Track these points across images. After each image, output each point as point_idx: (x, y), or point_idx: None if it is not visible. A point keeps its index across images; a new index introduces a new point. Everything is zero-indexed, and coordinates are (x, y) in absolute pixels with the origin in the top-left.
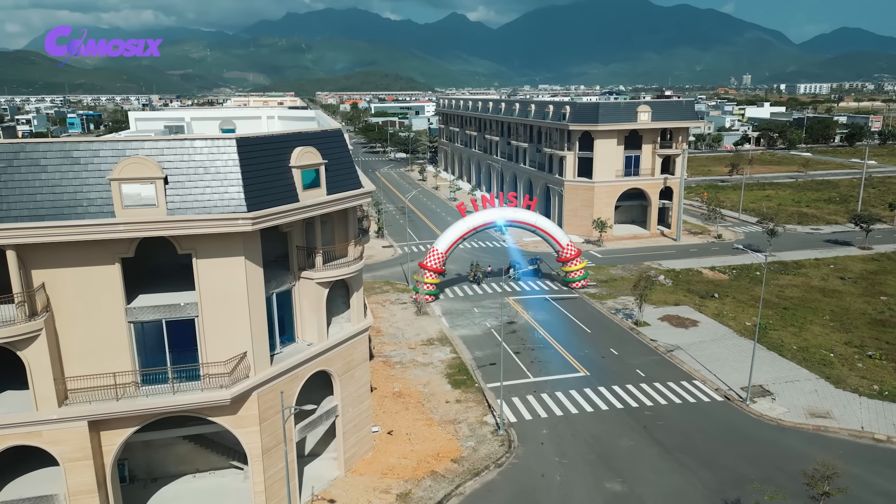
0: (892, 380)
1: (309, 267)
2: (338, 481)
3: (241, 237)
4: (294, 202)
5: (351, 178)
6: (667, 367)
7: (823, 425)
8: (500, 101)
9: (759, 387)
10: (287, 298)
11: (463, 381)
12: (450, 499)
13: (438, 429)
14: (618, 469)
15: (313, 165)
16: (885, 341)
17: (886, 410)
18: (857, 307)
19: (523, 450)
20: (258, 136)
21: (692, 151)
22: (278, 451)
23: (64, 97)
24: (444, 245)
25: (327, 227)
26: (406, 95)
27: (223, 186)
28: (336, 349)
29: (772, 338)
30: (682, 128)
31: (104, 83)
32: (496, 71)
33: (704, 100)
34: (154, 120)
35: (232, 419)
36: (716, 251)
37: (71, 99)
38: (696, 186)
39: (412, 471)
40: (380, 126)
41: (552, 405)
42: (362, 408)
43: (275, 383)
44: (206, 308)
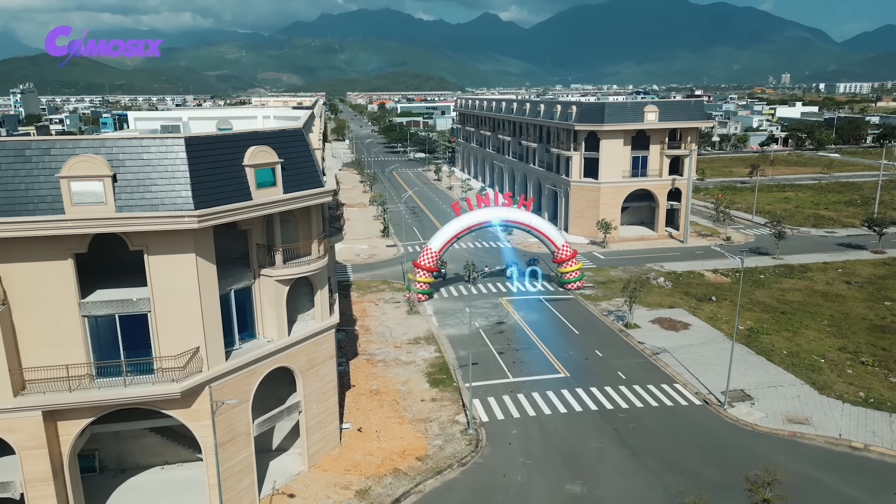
0: (880, 387)
1: (269, 265)
2: (300, 476)
3: (191, 234)
4: (246, 200)
5: (311, 177)
6: (650, 369)
7: (800, 431)
8: (513, 101)
9: (741, 391)
10: (247, 295)
11: (442, 381)
12: (408, 496)
13: (409, 427)
14: (581, 471)
15: (268, 164)
16: (882, 347)
17: (868, 418)
18: (858, 312)
19: (490, 449)
20: (208, 136)
21: (716, 152)
22: (234, 445)
23: (103, 97)
24: (437, 244)
25: (290, 225)
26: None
27: (171, 184)
28: (298, 346)
29: (763, 342)
30: (692, 128)
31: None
32: (528, 71)
33: (735, 99)
34: (152, 120)
35: (186, 412)
36: (722, 254)
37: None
38: (712, 188)
39: (375, 468)
40: (401, 126)
41: (527, 406)
42: (328, 405)
43: (230, 378)
44: (159, 304)
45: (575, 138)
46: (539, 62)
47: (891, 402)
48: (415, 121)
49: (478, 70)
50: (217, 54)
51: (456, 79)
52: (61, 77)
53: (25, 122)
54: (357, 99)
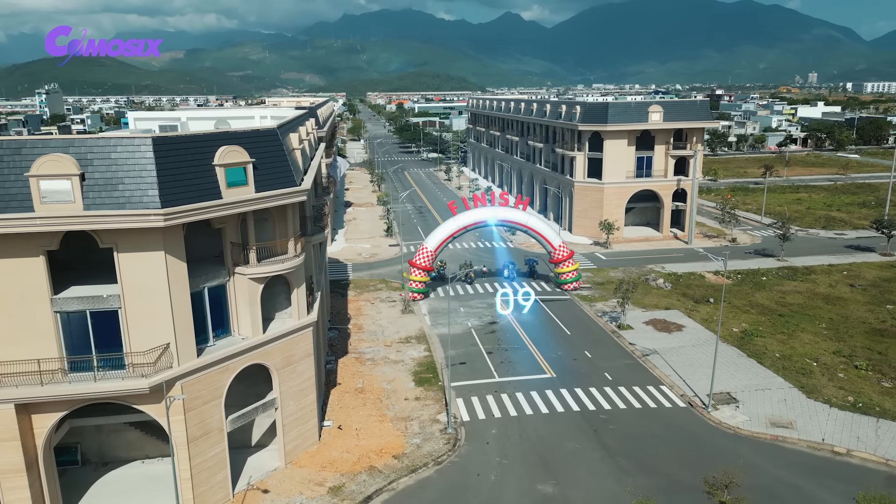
0: (871, 391)
1: (243, 263)
2: (277, 472)
3: (160, 232)
4: (216, 199)
5: (284, 176)
6: (637, 371)
7: (782, 435)
8: (521, 101)
9: (727, 394)
10: (221, 293)
11: (427, 380)
12: (380, 494)
13: (389, 425)
14: (555, 471)
15: (239, 164)
16: (878, 351)
17: (854, 423)
18: (858, 315)
19: (468, 448)
20: (176, 136)
21: (732, 153)
22: (207, 441)
23: (128, 98)
24: (433, 243)
25: (268, 223)
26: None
27: (138, 183)
28: (273, 344)
29: (756, 345)
30: (698, 128)
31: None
32: (549, 70)
33: (756, 99)
34: (151, 120)
35: (157, 408)
36: (726, 255)
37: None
38: (724, 189)
39: (351, 465)
40: (415, 126)
41: (509, 406)
42: (305, 402)
43: (202, 374)
44: (129, 300)
45: (579, 138)
46: (561, 62)
47: (880, 406)
48: (430, 121)
49: (499, 70)
50: (241, 55)
51: (477, 79)
52: (89, 78)
53: (49, 121)
54: (377, 99)
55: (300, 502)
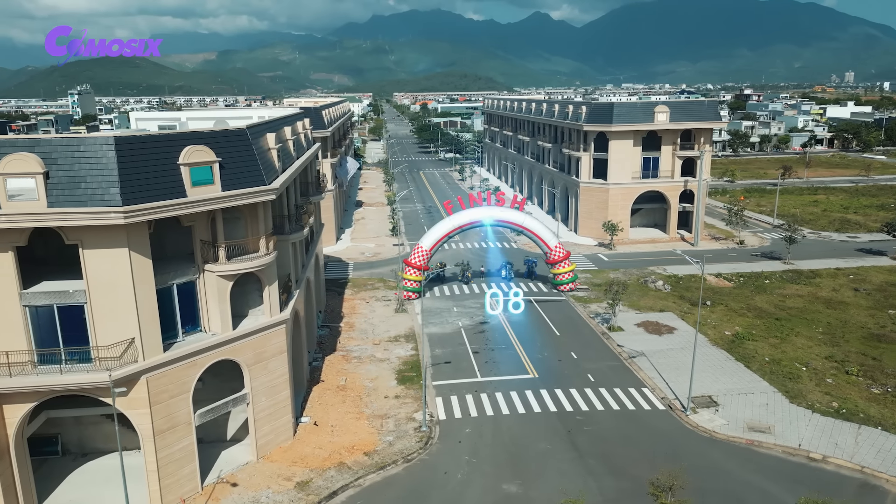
0: (857, 397)
1: (212, 260)
2: (248, 466)
3: (124, 229)
4: (181, 198)
5: (253, 175)
6: (621, 373)
7: (758, 440)
8: (531, 101)
9: (708, 397)
10: (191, 289)
11: (410, 378)
12: (346, 490)
13: (365, 423)
14: (522, 471)
15: (204, 163)
16: (872, 357)
17: (835, 429)
18: (858, 320)
19: (439, 447)
20: (139, 136)
21: (755, 153)
22: (174, 434)
23: (160, 98)
24: (428, 243)
25: (240, 222)
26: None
27: (100, 182)
28: (243, 340)
29: (747, 348)
30: (706, 129)
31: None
32: (578, 70)
33: (786, 99)
34: (152, 120)
35: (123, 401)
36: (732, 257)
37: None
38: (739, 190)
39: (322, 461)
40: (433, 126)
41: (487, 405)
42: (279, 398)
43: (168, 369)
44: (94, 296)
45: (584, 139)
46: (590, 61)
47: (864, 413)
48: (452, 121)
49: (527, 70)
50: (271, 56)
51: (505, 79)
52: (124, 79)
53: (81, 121)
54: (402, 99)
55: (266, 496)
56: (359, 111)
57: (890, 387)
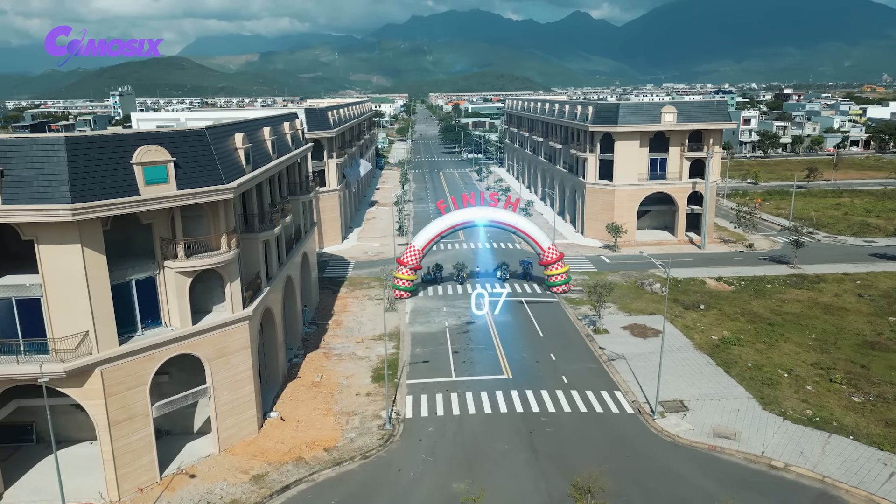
0: (835, 405)
1: (172, 257)
2: (209, 459)
3: (76, 226)
4: (134, 196)
5: (211, 175)
6: (597, 375)
7: (721, 446)
8: (546, 102)
9: (679, 402)
10: (151, 285)
11: (385, 377)
12: (299, 484)
13: (331, 419)
14: (475, 471)
15: (158, 163)
16: (861, 364)
17: (803, 437)
18: (855, 327)
19: (399, 445)
20: (92, 136)
21: (786, 155)
22: (131, 425)
23: (201, 99)
24: (421, 242)
25: (202, 220)
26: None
27: (51, 180)
28: (204, 335)
29: (730, 353)
30: (715, 129)
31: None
32: (618, 69)
33: (827, 98)
34: (152, 120)
35: (79, 391)
36: (738, 261)
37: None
38: (756, 192)
39: (281, 455)
40: (458, 127)
41: (455, 404)
42: (242, 392)
43: (124, 362)
44: (49, 289)
45: (591, 140)
46: (630, 60)
47: (838, 422)
48: (480, 121)
49: (566, 69)
50: (312, 57)
51: (543, 79)
52: (170, 80)
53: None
54: (436, 100)
55: (221, 488)
56: (391, 112)
57: (872, 395)
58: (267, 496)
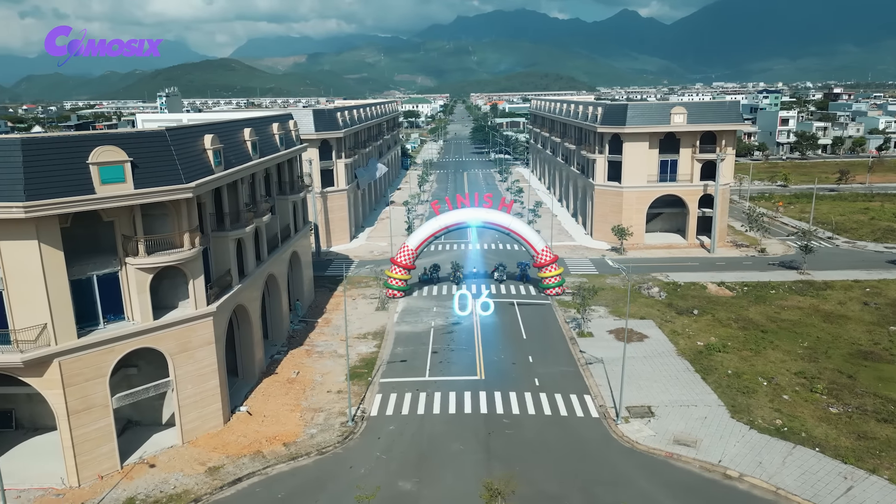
0: (808, 416)
1: (133, 254)
2: (172, 450)
3: (33, 223)
4: (89, 195)
5: (171, 175)
6: (571, 379)
7: (678, 453)
8: (564, 102)
9: (647, 408)
10: (113, 280)
11: (360, 375)
12: (251, 477)
13: (297, 415)
14: (425, 470)
15: (115, 163)
16: (848, 375)
17: (766, 447)
18: (852, 336)
19: (357, 442)
20: (48, 137)
21: (825, 156)
22: (90, 414)
23: (248, 100)
24: (414, 242)
25: (167, 218)
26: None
27: (6, 179)
28: (166, 330)
29: (713, 360)
30: (728, 131)
31: (290, 87)
32: (666, 68)
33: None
34: (157, 121)
35: (39, 381)
36: (746, 266)
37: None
38: (788, 195)
39: (240, 448)
40: (488, 127)
41: (422, 404)
42: (207, 387)
43: (83, 354)
44: (9, 283)
45: (600, 141)
46: (679, 59)
47: (807, 433)
48: (514, 121)
49: (612, 68)
50: (358, 58)
51: (588, 78)
52: (221, 81)
53: None
54: (477, 100)
55: (176, 478)
56: (427, 112)
57: (852, 407)
58: (217, 488)
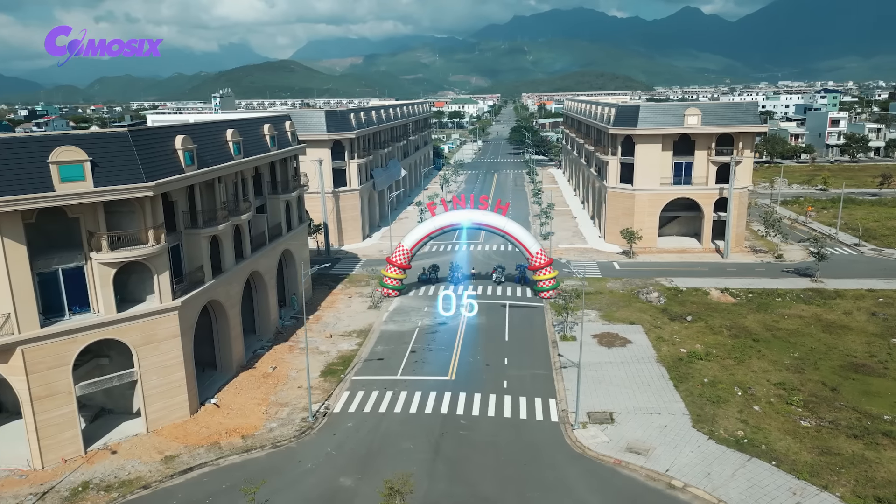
0: (774, 428)
1: (97, 249)
2: (136, 438)
3: None
4: (49, 192)
5: (132, 174)
6: (541, 382)
7: (627, 461)
8: (589, 103)
9: (608, 414)
10: (79, 274)
11: (334, 372)
12: (203, 467)
13: (263, 409)
14: (370, 467)
15: (74, 162)
16: (831, 388)
17: (720, 458)
18: (849, 347)
19: (313, 437)
20: (10, 137)
21: (876, 159)
22: (53, 401)
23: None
24: (409, 242)
25: (134, 215)
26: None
27: None
28: (129, 323)
29: (691, 368)
30: (746, 133)
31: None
32: (729, 67)
33: None
34: (165, 122)
35: (5, 367)
36: (758, 272)
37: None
38: (822, 200)
39: (200, 439)
40: (524, 128)
41: (385, 402)
42: (172, 378)
43: (46, 343)
44: None
45: (612, 142)
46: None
47: (767, 445)
48: (556, 122)
49: (672, 67)
50: (413, 59)
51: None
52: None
53: None
54: (527, 100)
55: (132, 465)
56: (473, 112)
57: (826, 421)
58: (168, 476)
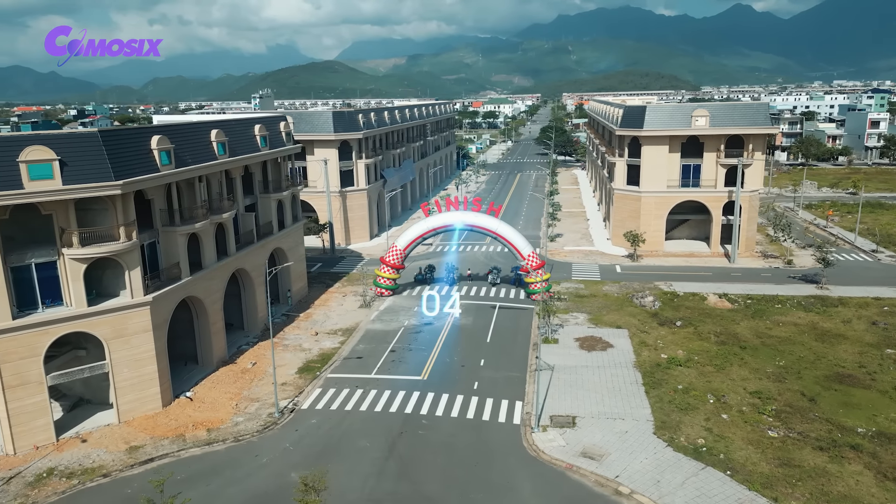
0: (739, 438)
1: (68, 245)
2: (106, 428)
3: None
4: (18, 189)
5: (101, 173)
6: (512, 385)
7: (580, 466)
8: (608, 103)
9: (571, 418)
10: (52, 269)
11: (311, 369)
12: (164, 458)
13: (233, 403)
14: (322, 463)
15: (43, 161)
16: (810, 398)
17: (673, 466)
18: (839, 357)
19: (276, 433)
20: None
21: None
22: (25, 390)
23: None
24: (403, 243)
25: (108, 212)
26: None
27: None
28: (100, 316)
29: (669, 374)
30: (756, 135)
31: (389, 88)
32: (781, 65)
33: None
34: (168, 121)
35: None
36: (764, 278)
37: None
38: (849, 204)
39: (167, 431)
40: (551, 129)
41: (353, 400)
42: (144, 371)
43: (17, 334)
44: None
45: (619, 143)
46: (797, 56)
47: (727, 455)
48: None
49: (720, 66)
50: (456, 59)
51: (693, 76)
52: (325, 83)
53: None
54: (567, 100)
55: (98, 454)
56: (508, 112)
57: (795, 432)
58: (129, 465)
